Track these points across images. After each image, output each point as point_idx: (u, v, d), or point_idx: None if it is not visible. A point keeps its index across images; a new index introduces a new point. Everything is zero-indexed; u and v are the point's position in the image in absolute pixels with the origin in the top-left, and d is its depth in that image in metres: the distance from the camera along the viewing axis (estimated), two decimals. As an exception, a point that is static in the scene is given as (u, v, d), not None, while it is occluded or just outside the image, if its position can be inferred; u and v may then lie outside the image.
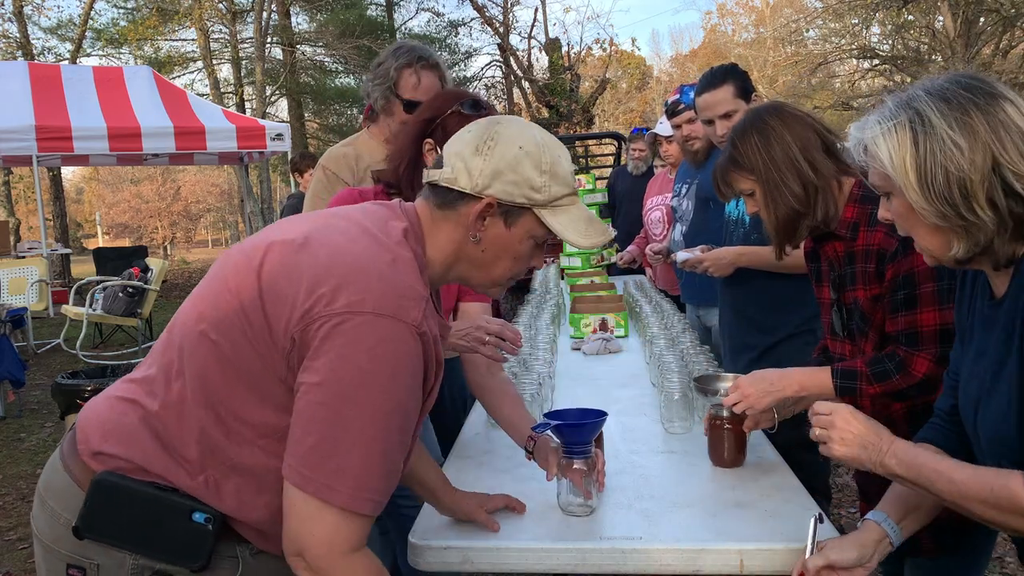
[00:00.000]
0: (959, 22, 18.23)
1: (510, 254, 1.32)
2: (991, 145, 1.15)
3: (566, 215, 1.31)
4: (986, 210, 1.16)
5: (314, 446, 1.13)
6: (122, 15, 20.03)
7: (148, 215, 33.27)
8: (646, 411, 2.39)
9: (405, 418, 1.18)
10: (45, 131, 8.89)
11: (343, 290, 1.14)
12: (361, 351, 1.12)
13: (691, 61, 38.27)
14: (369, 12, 21.43)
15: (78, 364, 7.69)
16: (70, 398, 4.26)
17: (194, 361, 1.22)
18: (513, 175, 1.26)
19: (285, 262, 1.20)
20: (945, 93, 1.20)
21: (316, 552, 1.13)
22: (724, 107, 2.78)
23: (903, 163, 1.20)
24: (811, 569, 1.35)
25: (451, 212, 1.29)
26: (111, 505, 1.21)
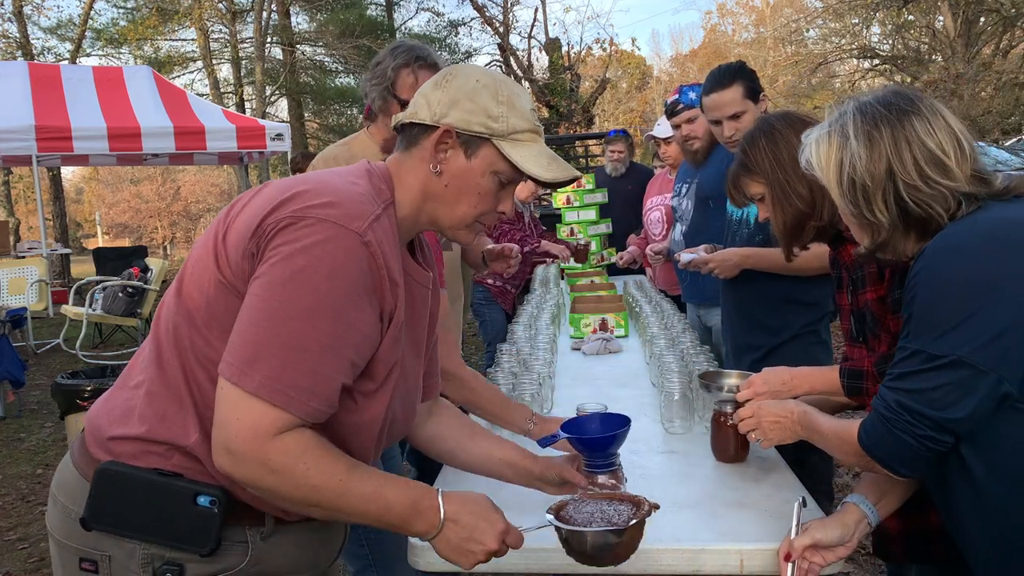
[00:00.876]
0: (959, 22, 18.23)
1: (473, 189, 1.32)
2: (890, 156, 1.34)
3: (526, 149, 1.32)
4: (883, 211, 1.36)
5: (240, 333, 1.14)
6: (122, 15, 20.05)
7: (148, 215, 33.26)
8: (646, 411, 2.39)
9: (339, 324, 1.14)
10: (45, 131, 8.89)
11: (292, 201, 1.18)
12: (299, 248, 1.13)
13: (691, 61, 38.27)
14: (369, 12, 21.44)
15: (78, 364, 7.69)
16: (70, 398, 4.25)
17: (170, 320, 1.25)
18: (470, 104, 1.29)
19: (249, 201, 1.25)
20: (865, 107, 1.40)
21: (241, 437, 1.11)
22: (732, 108, 2.76)
23: (828, 166, 1.42)
24: (797, 548, 1.42)
25: (415, 149, 1.32)
26: (115, 494, 1.22)
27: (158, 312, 1.31)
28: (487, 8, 19.19)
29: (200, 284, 1.23)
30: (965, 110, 15.91)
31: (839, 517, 1.47)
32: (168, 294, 1.30)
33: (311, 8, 20.47)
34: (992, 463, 1.27)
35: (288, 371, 1.12)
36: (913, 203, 1.33)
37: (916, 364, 1.27)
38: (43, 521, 4.09)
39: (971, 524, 1.34)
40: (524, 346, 2.80)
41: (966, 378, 1.22)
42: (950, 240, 1.29)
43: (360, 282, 1.17)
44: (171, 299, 1.28)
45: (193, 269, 1.26)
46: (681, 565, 1.50)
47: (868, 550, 3.44)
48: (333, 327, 1.14)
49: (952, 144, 1.34)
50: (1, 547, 3.89)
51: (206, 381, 1.21)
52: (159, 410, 1.23)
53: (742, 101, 2.76)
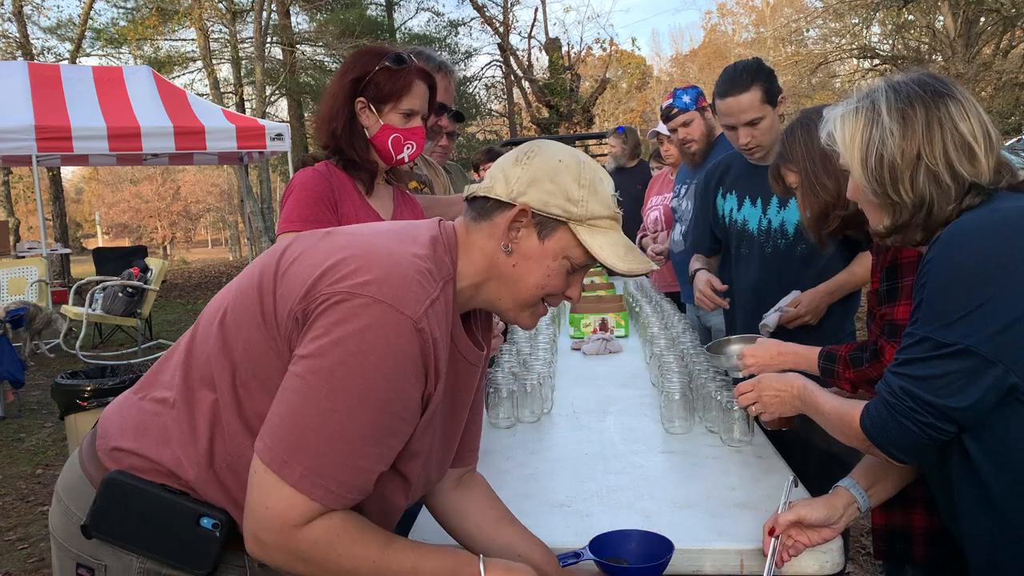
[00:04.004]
0: (959, 22, 18.23)
1: (542, 270, 1.26)
2: (921, 138, 1.32)
3: (604, 236, 1.26)
4: (908, 192, 1.34)
5: (282, 417, 1.09)
6: (122, 15, 20.04)
7: (148, 215, 33.27)
8: (646, 411, 2.39)
9: (383, 414, 1.10)
10: (45, 131, 8.89)
11: (349, 272, 1.11)
12: (351, 332, 1.07)
13: (691, 61, 38.29)
14: (369, 12, 21.44)
15: (78, 364, 7.69)
16: (70, 398, 4.25)
17: (205, 351, 1.22)
18: (550, 184, 1.23)
19: (307, 245, 1.21)
20: (899, 86, 1.37)
21: (269, 527, 1.08)
22: (750, 114, 2.60)
23: (852, 143, 1.39)
24: (782, 523, 1.43)
25: (486, 223, 1.26)
26: (120, 505, 1.21)
27: (193, 334, 1.28)
28: (487, 8, 19.20)
29: (241, 323, 1.20)
30: (965, 110, 15.86)
31: (827, 499, 1.48)
32: (210, 317, 1.26)
33: (311, 8, 20.47)
34: (996, 456, 1.27)
35: (330, 465, 1.08)
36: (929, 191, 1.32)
37: (923, 351, 1.26)
38: (43, 521, 4.10)
39: (972, 520, 1.33)
40: (524, 346, 2.80)
41: (972, 367, 1.21)
42: (965, 227, 1.28)
43: (410, 369, 1.11)
44: (211, 325, 1.24)
45: (236, 305, 1.22)
46: (681, 565, 1.50)
47: (868, 550, 3.44)
48: (379, 418, 1.10)
49: (982, 133, 1.33)
50: (1, 547, 3.89)
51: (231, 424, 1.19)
52: (175, 435, 1.21)
53: (760, 106, 2.59)
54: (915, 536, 1.66)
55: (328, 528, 1.10)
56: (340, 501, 1.10)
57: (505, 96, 20.89)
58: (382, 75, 2.03)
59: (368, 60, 2.05)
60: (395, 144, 2.08)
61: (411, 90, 2.05)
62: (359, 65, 2.05)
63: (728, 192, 2.82)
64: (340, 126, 2.06)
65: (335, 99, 2.07)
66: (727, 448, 2.03)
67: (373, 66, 2.03)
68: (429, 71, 2.12)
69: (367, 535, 1.13)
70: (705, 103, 3.55)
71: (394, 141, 2.07)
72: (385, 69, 2.02)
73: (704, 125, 3.52)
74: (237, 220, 30.46)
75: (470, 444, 1.50)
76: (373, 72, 2.03)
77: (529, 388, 2.32)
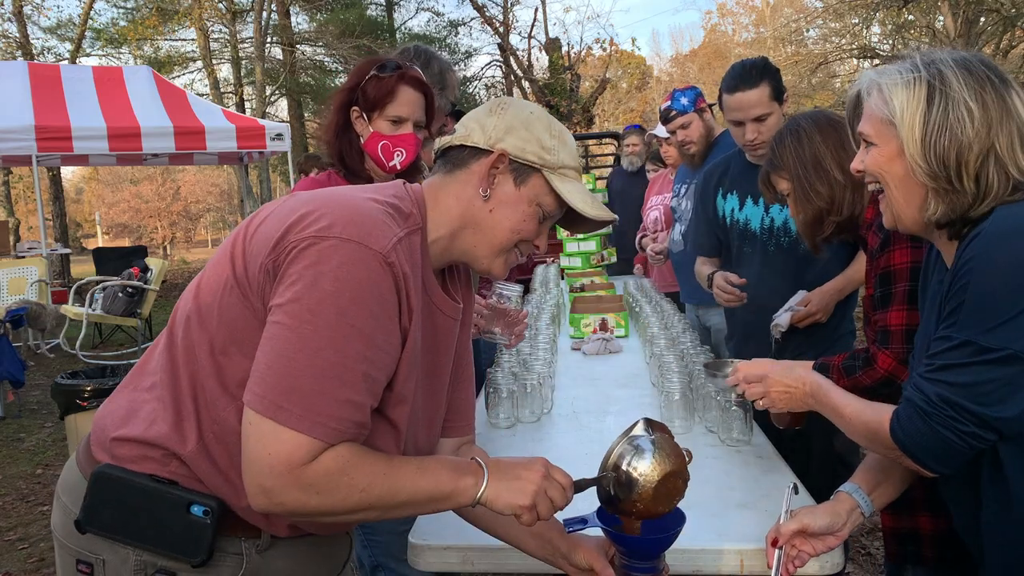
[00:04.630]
0: (959, 22, 18.22)
1: (518, 215, 1.31)
2: (997, 126, 1.21)
3: (571, 185, 1.34)
4: (971, 183, 1.22)
5: (269, 365, 1.10)
6: (122, 15, 20.03)
7: (148, 215, 33.26)
8: (646, 411, 2.37)
9: (368, 346, 1.12)
10: (45, 131, 8.88)
11: (314, 219, 1.15)
12: (323, 272, 1.10)
13: (691, 61, 38.28)
14: (369, 12, 21.44)
15: (78, 364, 7.69)
16: (69, 398, 4.25)
17: (182, 325, 1.24)
18: (525, 132, 1.31)
19: (272, 209, 1.24)
20: (968, 63, 1.25)
21: (276, 471, 1.08)
22: (758, 110, 2.63)
23: (913, 116, 1.24)
24: (784, 534, 1.38)
25: (461, 171, 1.31)
26: (110, 498, 1.22)
27: (174, 313, 1.30)
28: (487, 8, 19.19)
29: (215, 291, 1.22)
30: (965, 110, 15.87)
31: (830, 505, 1.43)
32: (185, 295, 1.29)
33: (311, 8, 20.46)
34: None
35: (325, 402, 1.09)
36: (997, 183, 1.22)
37: (964, 356, 1.17)
38: (43, 521, 4.10)
39: (991, 528, 1.29)
40: (524, 346, 2.80)
41: (1019, 374, 1.14)
42: (1011, 223, 1.19)
43: (386, 301, 1.15)
44: (187, 301, 1.27)
45: (210, 276, 1.25)
46: (681, 565, 1.50)
47: (868, 550, 3.44)
48: (364, 350, 1.12)
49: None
50: (1, 547, 3.89)
51: (213, 390, 1.20)
52: (162, 413, 1.23)
53: (768, 103, 2.62)
54: (924, 538, 1.65)
55: (335, 456, 1.11)
56: (340, 436, 1.11)
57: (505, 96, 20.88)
58: (371, 83, 2.06)
59: (363, 69, 2.09)
60: (384, 151, 2.08)
61: (396, 96, 2.06)
62: (355, 74, 2.09)
63: (728, 192, 2.82)
64: (334, 135, 2.10)
65: (332, 109, 2.11)
66: (727, 448, 2.03)
67: (365, 75, 2.07)
68: (421, 78, 2.12)
69: (372, 454, 1.16)
70: (703, 104, 3.55)
71: (383, 148, 2.08)
72: (373, 77, 2.05)
73: (703, 126, 3.53)
74: (237, 220, 30.45)
75: (463, 413, 1.51)
76: (364, 80, 2.06)
77: (529, 388, 2.32)
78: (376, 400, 1.18)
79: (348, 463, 1.12)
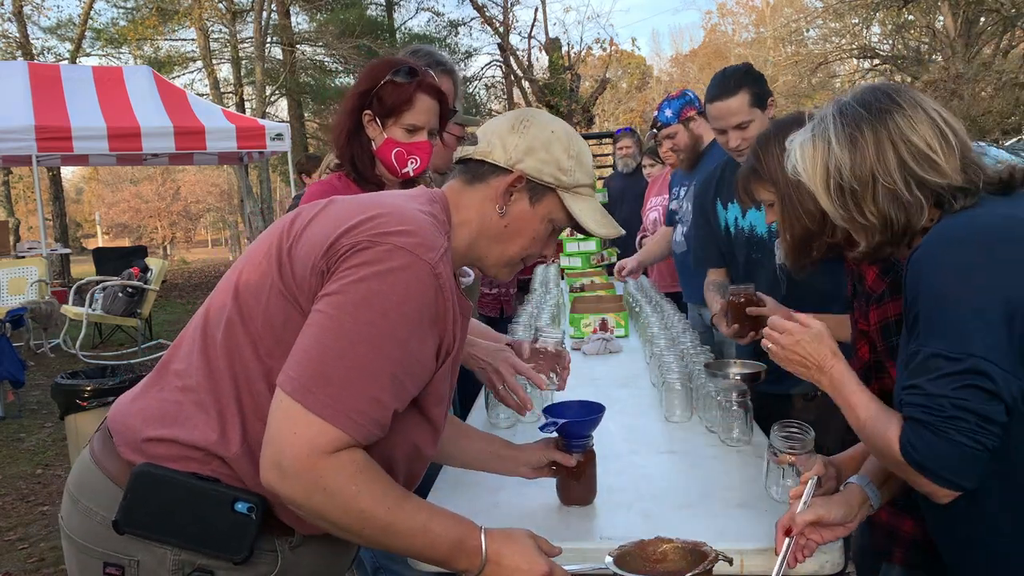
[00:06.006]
0: (959, 22, 18.23)
1: (529, 232, 1.39)
2: (874, 159, 1.31)
3: (585, 203, 1.39)
4: (874, 213, 1.33)
5: (306, 350, 1.13)
6: (122, 15, 20.04)
7: (148, 215, 33.24)
8: (646, 411, 2.39)
9: (403, 352, 1.15)
10: (45, 131, 8.89)
11: (367, 223, 1.19)
12: (374, 272, 1.14)
13: (691, 61, 38.30)
14: (369, 12, 21.45)
15: (78, 364, 7.69)
16: (69, 398, 4.24)
17: (221, 327, 1.25)
18: (545, 154, 1.35)
19: (315, 212, 1.28)
20: (845, 108, 1.37)
21: (296, 452, 1.09)
22: (738, 117, 2.62)
23: (814, 171, 1.38)
24: (799, 523, 1.39)
25: (481, 185, 1.36)
26: (152, 497, 1.21)
27: (205, 315, 1.30)
28: (487, 8, 19.19)
29: (258, 293, 1.23)
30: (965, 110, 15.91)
31: (844, 497, 1.43)
32: (220, 297, 1.29)
33: (311, 8, 20.47)
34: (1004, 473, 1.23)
35: (352, 394, 1.12)
36: (890, 209, 1.31)
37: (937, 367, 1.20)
38: (43, 521, 4.10)
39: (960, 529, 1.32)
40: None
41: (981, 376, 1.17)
42: (947, 234, 1.26)
43: (427, 312, 1.18)
44: (224, 305, 1.27)
45: (250, 278, 1.26)
46: (681, 565, 1.50)
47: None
48: (398, 354, 1.15)
49: (936, 137, 1.31)
50: (1, 547, 3.89)
51: (261, 392, 1.21)
52: (202, 417, 1.23)
53: (748, 110, 2.61)
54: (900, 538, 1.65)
55: (352, 460, 1.13)
56: (361, 431, 1.13)
57: (505, 96, 20.88)
58: (387, 88, 2.00)
59: (378, 72, 2.02)
60: (398, 158, 2.05)
61: (414, 105, 2.02)
62: (369, 77, 2.03)
63: (728, 202, 2.78)
64: (345, 138, 2.05)
65: (344, 111, 2.06)
66: (727, 448, 2.03)
67: (380, 79, 2.01)
68: (437, 86, 2.08)
69: (386, 482, 1.17)
70: (690, 113, 3.57)
71: (397, 155, 2.04)
72: (391, 82, 2.00)
73: (688, 136, 3.59)
74: (237, 220, 30.45)
75: None
76: (380, 85, 2.00)
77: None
78: (402, 404, 1.20)
79: (361, 473, 1.13)
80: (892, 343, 1.68)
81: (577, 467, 1.68)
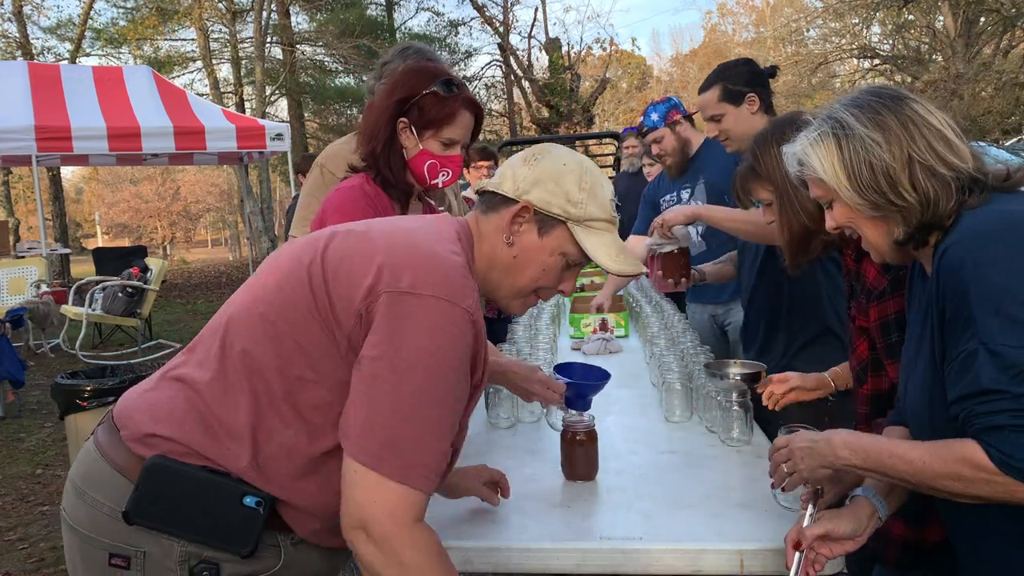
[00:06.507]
0: (959, 22, 18.24)
1: (539, 264, 1.39)
2: (905, 139, 1.29)
3: (599, 237, 1.39)
4: (911, 192, 1.29)
5: (369, 417, 1.17)
6: (122, 15, 20.04)
7: (148, 215, 33.24)
8: (646, 411, 2.39)
9: (455, 398, 1.22)
10: (44, 131, 8.89)
11: (406, 271, 1.21)
12: (421, 329, 1.17)
13: (691, 61, 38.31)
14: (369, 12, 21.44)
15: (78, 364, 7.69)
16: (69, 398, 4.24)
17: (243, 342, 1.26)
18: (553, 185, 1.36)
19: (350, 244, 1.29)
20: (857, 100, 1.36)
21: (380, 522, 1.15)
22: (709, 111, 2.83)
23: (833, 167, 1.34)
24: (808, 537, 1.38)
25: (493, 215, 1.39)
26: (163, 489, 1.22)
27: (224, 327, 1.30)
28: (487, 8, 19.20)
29: (288, 315, 1.24)
30: (965, 110, 15.92)
31: (852, 510, 1.42)
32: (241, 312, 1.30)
33: (311, 8, 20.46)
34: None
35: (421, 453, 1.18)
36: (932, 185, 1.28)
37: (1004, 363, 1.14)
38: (43, 521, 4.10)
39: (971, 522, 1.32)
40: (524, 346, 2.80)
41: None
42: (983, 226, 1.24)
43: (466, 355, 1.23)
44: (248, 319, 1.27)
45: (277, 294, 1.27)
46: (681, 565, 1.50)
47: (868, 550, 3.44)
48: (452, 404, 1.22)
49: (948, 124, 1.33)
50: (1, 547, 3.89)
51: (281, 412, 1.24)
52: (205, 432, 1.24)
53: (716, 104, 2.80)
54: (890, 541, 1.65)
55: (430, 540, 1.19)
56: (431, 484, 1.20)
57: (505, 96, 20.89)
58: (429, 100, 1.96)
59: (417, 81, 1.98)
60: (431, 170, 2.03)
61: (455, 120, 1.98)
62: (408, 85, 1.99)
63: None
64: (380, 145, 2.01)
65: (379, 116, 2.02)
66: (727, 448, 2.03)
67: (421, 88, 1.96)
68: (476, 101, 2.06)
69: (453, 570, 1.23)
70: (676, 116, 3.58)
71: (430, 168, 2.02)
72: (433, 94, 1.96)
73: (675, 139, 3.60)
74: (237, 220, 30.43)
75: None
76: (421, 95, 1.96)
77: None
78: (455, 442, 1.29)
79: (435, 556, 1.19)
80: (891, 340, 1.68)
81: (579, 444, 1.81)
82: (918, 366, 1.36)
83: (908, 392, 1.41)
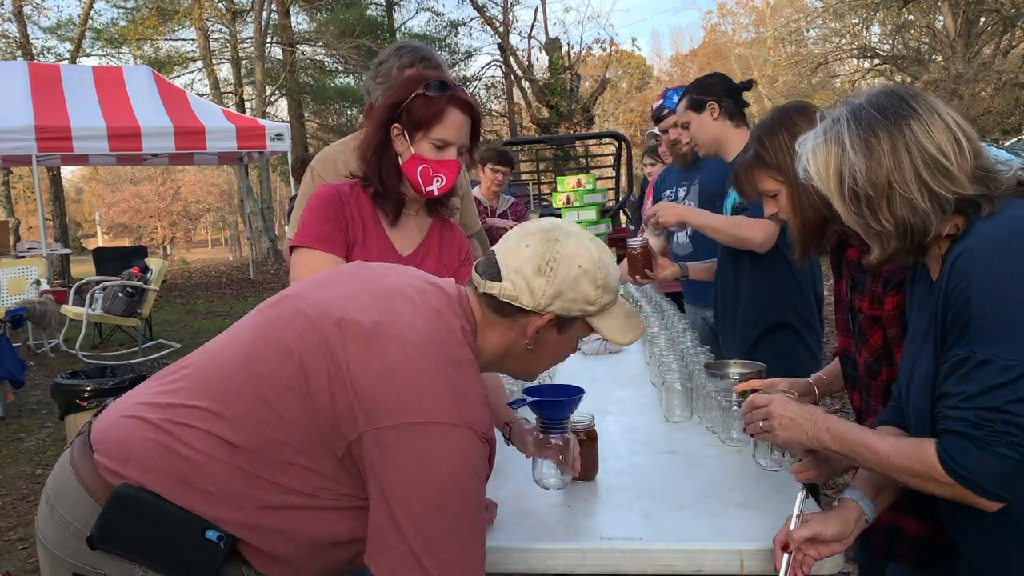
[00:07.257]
0: (959, 22, 18.24)
1: (558, 355, 1.46)
2: (890, 165, 1.27)
3: (612, 319, 1.43)
4: (888, 220, 1.28)
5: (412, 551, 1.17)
6: (122, 15, 20.07)
7: (148, 215, 33.28)
8: (646, 411, 2.39)
9: (480, 505, 1.25)
10: (45, 131, 8.90)
11: (417, 397, 1.20)
12: (441, 461, 1.18)
13: (691, 61, 38.32)
14: (369, 12, 21.47)
15: (78, 364, 7.69)
16: (70, 398, 4.25)
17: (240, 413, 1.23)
18: (573, 293, 1.36)
19: (357, 352, 1.24)
20: (859, 112, 1.32)
21: None
22: (681, 119, 3.08)
23: (827, 175, 1.34)
24: (796, 539, 1.40)
25: (509, 320, 1.38)
26: (128, 518, 1.21)
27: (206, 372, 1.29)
28: (487, 8, 19.21)
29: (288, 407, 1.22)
30: (965, 110, 15.91)
31: (840, 513, 1.44)
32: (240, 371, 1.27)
33: (311, 8, 20.48)
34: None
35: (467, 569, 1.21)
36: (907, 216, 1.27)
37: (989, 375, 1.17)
38: (43, 521, 4.10)
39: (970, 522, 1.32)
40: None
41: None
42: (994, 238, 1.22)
43: (482, 465, 1.25)
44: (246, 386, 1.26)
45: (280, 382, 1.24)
46: (681, 565, 1.50)
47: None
48: (480, 510, 1.25)
49: (951, 144, 1.28)
50: (1, 547, 3.89)
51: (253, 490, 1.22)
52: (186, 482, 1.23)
53: (684, 112, 3.05)
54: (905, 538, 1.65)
55: None
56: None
57: (505, 96, 20.90)
58: (417, 101, 1.92)
59: (410, 85, 1.96)
60: (423, 175, 1.97)
61: (443, 119, 1.93)
62: (401, 90, 1.97)
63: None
64: (372, 151, 1.99)
65: (372, 124, 2.00)
66: (727, 448, 2.03)
67: (411, 92, 1.94)
68: (470, 101, 2.01)
69: None
70: None
71: (423, 172, 1.97)
72: (421, 95, 1.92)
73: None
74: (237, 220, 30.43)
75: None
76: (410, 98, 1.93)
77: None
78: None
79: None
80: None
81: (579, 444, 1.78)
82: (920, 366, 1.36)
83: (910, 391, 1.41)
